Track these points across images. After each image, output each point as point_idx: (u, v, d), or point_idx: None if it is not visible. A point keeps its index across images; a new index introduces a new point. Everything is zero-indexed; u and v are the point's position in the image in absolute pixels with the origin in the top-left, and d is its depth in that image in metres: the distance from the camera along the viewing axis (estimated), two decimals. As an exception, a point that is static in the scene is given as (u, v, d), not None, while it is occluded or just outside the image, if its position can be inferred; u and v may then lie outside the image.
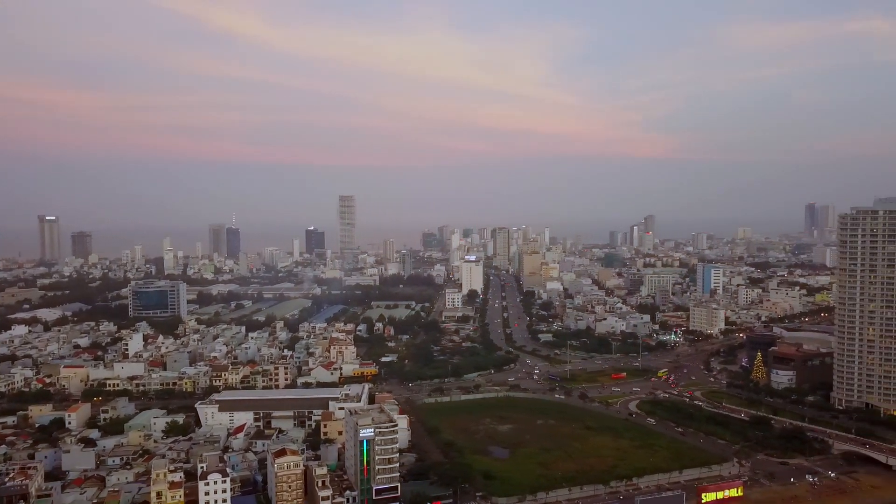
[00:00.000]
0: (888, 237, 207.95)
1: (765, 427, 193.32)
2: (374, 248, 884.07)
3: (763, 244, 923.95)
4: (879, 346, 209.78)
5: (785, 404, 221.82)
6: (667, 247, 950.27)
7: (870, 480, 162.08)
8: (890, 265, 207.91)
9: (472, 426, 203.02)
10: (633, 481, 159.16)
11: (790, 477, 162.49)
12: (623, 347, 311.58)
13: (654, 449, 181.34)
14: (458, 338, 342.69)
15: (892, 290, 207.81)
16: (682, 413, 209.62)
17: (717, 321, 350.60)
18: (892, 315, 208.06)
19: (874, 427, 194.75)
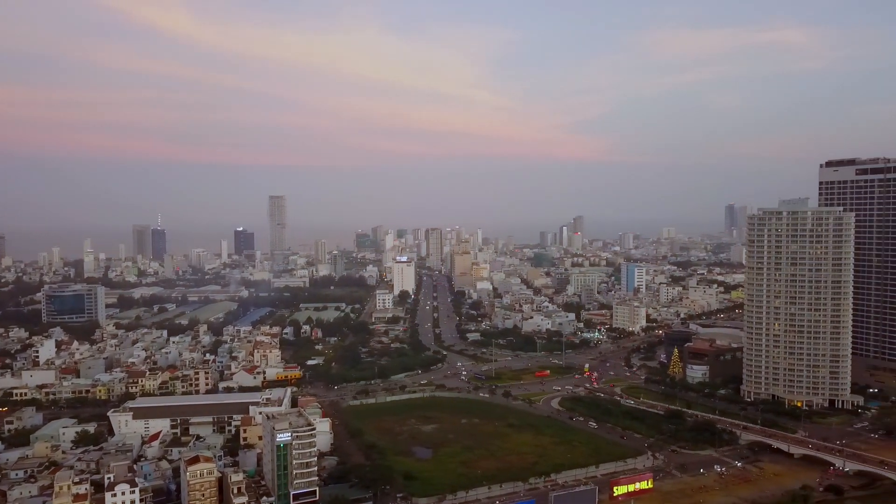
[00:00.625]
0: (791, 237, 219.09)
1: (679, 420, 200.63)
2: (305, 250, 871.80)
3: (686, 244, 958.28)
4: (784, 340, 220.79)
5: (699, 398, 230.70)
6: (595, 246, 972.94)
7: (773, 468, 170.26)
8: (793, 263, 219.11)
9: (396, 427, 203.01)
10: (551, 477, 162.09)
11: (700, 468, 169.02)
12: (548, 345, 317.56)
13: (574, 445, 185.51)
14: (387, 339, 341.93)
15: (795, 287, 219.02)
16: (601, 409, 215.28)
17: (639, 319, 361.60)
18: (795, 311, 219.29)
19: (779, 417, 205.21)
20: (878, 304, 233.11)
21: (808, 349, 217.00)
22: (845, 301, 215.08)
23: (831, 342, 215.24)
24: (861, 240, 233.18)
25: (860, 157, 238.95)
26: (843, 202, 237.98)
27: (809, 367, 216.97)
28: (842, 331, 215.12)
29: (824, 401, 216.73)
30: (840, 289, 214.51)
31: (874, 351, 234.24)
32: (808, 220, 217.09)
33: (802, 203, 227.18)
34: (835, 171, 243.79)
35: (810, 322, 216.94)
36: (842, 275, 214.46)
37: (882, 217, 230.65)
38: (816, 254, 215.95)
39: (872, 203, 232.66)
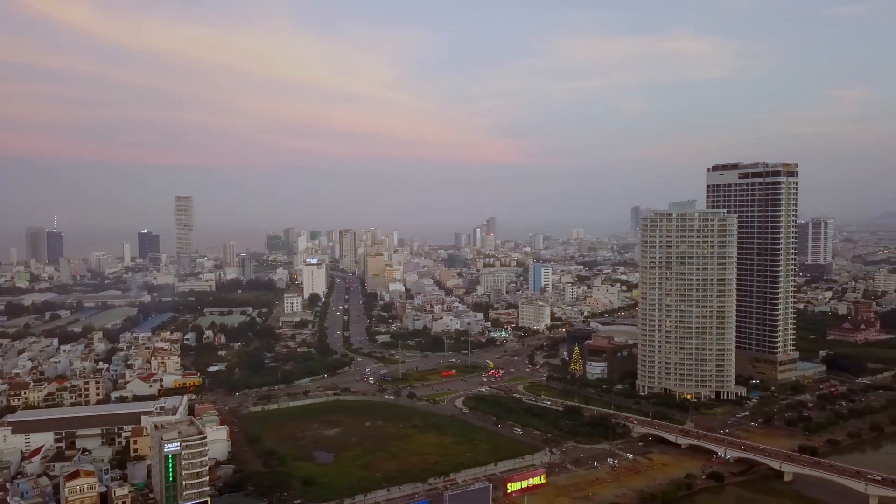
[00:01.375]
0: (680, 237, 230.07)
1: (576, 416, 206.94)
2: (213, 252, 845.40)
3: (593, 244, 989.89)
4: (675, 336, 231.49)
5: (597, 393, 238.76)
6: (507, 247, 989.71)
7: (662, 459, 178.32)
8: (682, 262, 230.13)
9: (298, 432, 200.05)
10: (451, 477, 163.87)
11: (594, 461, 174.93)
12: (456, 345, 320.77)
13: (475, 444, 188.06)
14: (293, 343, 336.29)
15: (684, 285, 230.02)
16: (502, 407, 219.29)
17: (544, 317, 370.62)
18: (685, 308, 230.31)
19: (669, 410, 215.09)
20: (759, 300, 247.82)
21: (696, 344, 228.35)
22: (729, 298, 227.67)
23: (717, 337, 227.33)
24: (744, 240, 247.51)
25: (743, 162, 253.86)
26: (728, 204, 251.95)
27: (698, 361, 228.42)
28: (726, 326, 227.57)
29: (711, 393, 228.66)
30: (724, 286, 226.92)
31: (756, 344, 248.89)
32: (696, 221, 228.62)
33: (690, 205, 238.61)
34: (720, 175, 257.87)
35: (698, 318, 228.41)
36: (726, 273, 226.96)
37: (762, 218, 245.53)
38: (703, 253, 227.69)
39: (754, 205, 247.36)
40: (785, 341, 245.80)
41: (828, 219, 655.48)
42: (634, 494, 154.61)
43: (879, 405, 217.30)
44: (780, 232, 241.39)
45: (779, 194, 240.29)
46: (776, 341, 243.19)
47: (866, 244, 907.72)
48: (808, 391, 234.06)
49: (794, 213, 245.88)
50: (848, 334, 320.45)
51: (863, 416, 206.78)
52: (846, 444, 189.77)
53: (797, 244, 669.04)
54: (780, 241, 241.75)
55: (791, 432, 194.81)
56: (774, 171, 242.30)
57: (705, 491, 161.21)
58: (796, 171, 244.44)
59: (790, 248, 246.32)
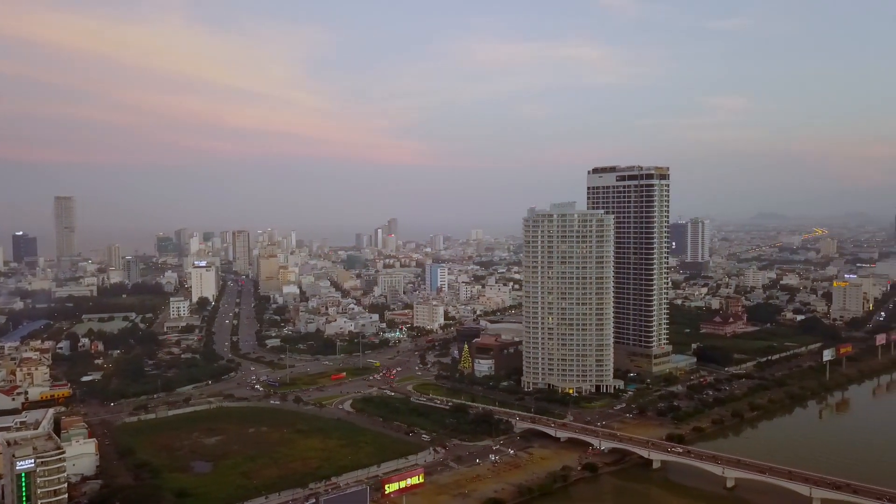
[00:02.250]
0: (561, 237, 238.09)
1: (462, 414, 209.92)
2: (97, 255, 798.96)
3: (491, 244, 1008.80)
4: (557, 332, 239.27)
5: (483, 391, 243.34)
6: (408, 248, 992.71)
7: (541, 453, 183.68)
8: (563, 262, 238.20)
9: (176, 443, 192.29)
10: (332, 480, 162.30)
11: (476, 458, 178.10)
12: (349, 347, 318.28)
13: (360, 446, 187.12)
14: (178, 349, 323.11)
15: (565, 284, 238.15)
16: (390, 408, 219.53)
17: (438, 317, 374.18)
18: (566, 305, 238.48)
19: (552, 405, 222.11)
20: (636, 297, 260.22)
21: (577, 340, 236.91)
22: (607, 296, 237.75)
23: (596, 333, 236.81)
24: (621, 239, 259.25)
25: (620, 165, 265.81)
26: (607, 205, 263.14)
27: (578, 356, 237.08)
28: (605, 322, 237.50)
29: (591, 387, 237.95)
30: (602, 284, 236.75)
31: (633, 339, 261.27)
32: (575, 221, 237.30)
33: (571, 206, 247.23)
34: (600, 178, 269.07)
35: (579, 315, 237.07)
36: (604, 272, 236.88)
37: (637, 218, 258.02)
38: (582, 253, 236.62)
39: (630, 206, 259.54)
40: (659, 336, 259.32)
41: (705, 219, 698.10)
42: (513, 489, 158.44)
43: (741, 393, 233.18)
44: (654, 232, 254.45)
45: (652, 196, 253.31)
46: (651, 336, 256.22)
47: (741, 243, 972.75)
48: (680, 382, 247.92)
49: (666, 214, 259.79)
50: (718, 327, 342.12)
51: (726, 403, 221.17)
52: (710, 431, 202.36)
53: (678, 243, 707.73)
54: (654, 240, 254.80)
55: (662, 422, 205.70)
56: (648, 175, 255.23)
57: (580, 482, 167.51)
58: (668, 174, 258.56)
59: (663, 247, 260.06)
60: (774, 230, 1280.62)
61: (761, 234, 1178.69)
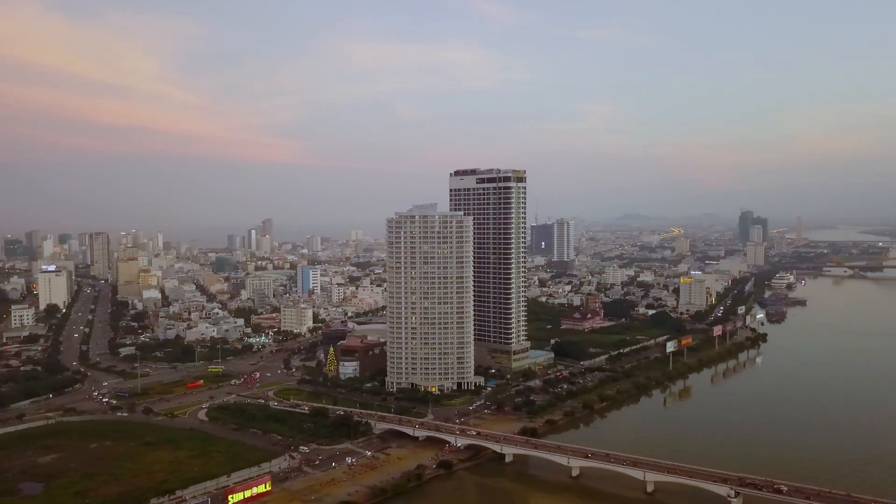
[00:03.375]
0: (423, 238, 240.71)
1: (321, 418, 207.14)
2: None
3: (371, 245, 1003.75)
4: (420, 332, 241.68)
5: (347, 393, 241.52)
6: (284, 249, 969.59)
7: (398, 453, 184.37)
8: (425, 262, 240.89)
9: (4, 464, 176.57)
10: (177, 494, 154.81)
11: (333, 462, 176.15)
12: (209, 354, 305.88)
13: (212, 456, 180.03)
14: (17, 361, 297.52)
15: (427, 284, 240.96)
16: (246, 415, 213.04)
17: (306, 320, 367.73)
18: (428, 305, 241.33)
19: (414, 404, 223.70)
20: (495, 295, 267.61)
21: (439, 339, 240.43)
22: (467, 295, 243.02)
23: (458, 332, 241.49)
24: (481, 240, 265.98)
25: (480, 168, 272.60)
26: (468, 207, 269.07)
27: (440, 355, 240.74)
28: (465, 321, 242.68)
29: (453, 384, 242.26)
30: (463, 284, 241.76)
31: (493, 336, 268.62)
32: (436, 223, 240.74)
33: (432, 208, 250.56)
34: (461, 180, 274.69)
35: (440, 315, 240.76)
36: (464, 272, 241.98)
37: (496, 220, 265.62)
38: (443, 253, 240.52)
39: (489, 208, 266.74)
40: (518, 332, 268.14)
41: (570, 220, 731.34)
42: (367, 491, 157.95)
43: (593, 385, 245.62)
44: (511, 232, 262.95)
45: (510, 198, 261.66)
46: (510, 333, 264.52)
47: (606, 242, 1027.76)
48: (538, 377, 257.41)
49: (523, 216, 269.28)
50: (577, 323, 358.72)
51: (578, 396, 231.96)
52: (562, 423, 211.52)
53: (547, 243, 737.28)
54: (512, 241, 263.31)
55: (518, 416, 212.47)
56: (506, 178, 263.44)
57: (435, 479, 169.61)
58: (525, 177, 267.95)
59: (521, 248, 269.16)
60: (637, 230, 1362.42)
61: (625, 234, 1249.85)
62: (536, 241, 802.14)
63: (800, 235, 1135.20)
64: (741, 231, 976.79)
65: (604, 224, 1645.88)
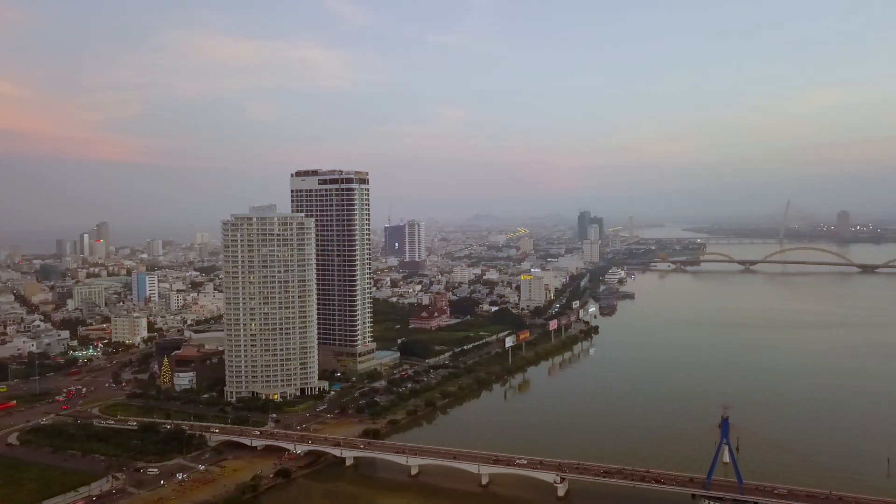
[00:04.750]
0: (262, 241, 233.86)
1: (151, 433, 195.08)
2: None
3: (217, 248, 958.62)
4: (260, 338, 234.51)
5: (182, 406, 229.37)
6: (122, 254, 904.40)
7: (235, 465, 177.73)
8: (265, 266, 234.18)
9: None
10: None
11: (161, 480, 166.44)
12: (26, 371, 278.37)
13: (21, 484, 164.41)
14: None
15: (267, 288, 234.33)
16: (64, 436, 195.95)
17: (140, 330, 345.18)
18: (268, 310, 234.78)
19: (254, 413, 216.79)
20: (340, 298, 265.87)
21: (280, 345, 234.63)
22: (310, 298, 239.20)
23: (300, 336, 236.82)
24: (325, 242, 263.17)
25: (322, 169, 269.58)
26: (311, 208, 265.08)
27: (283, 361, 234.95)
28: (308, 325, 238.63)
29: (297, 390, 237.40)
30: (305, 287, 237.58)
31: (339, 339, 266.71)
32: (276, 225, 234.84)
33: (271, 209, 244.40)
34: (303, 181, 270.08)
35: (282, 319, 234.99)
36: (306, 275, 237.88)
37: (340, 222, 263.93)
38: (284, 256, 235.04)
39: (332, 209, 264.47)
40: (364, 334, 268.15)
41: (421, 221, 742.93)
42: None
43: (436, 382, 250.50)
44: (356, 234, 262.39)
45: (353, 199, 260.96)
46: (355, 335, 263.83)
47: (457, 242, 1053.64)
48: (383, 378, 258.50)
49: (367, 217, 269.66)
50: (425, 322, 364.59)
51: (421, 394, 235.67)
52: (405, 423, 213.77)
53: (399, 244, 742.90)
54: (356, 242, 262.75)
55: (361, 418, 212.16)
56: (348, 179, 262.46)
57: (272, 489, 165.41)
58: (368, 178, 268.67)
59: (365, 249, 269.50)
60: (486, 230, 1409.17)
61: (475, 234, 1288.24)
62: (390, 242, 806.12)
63: (632, 234, 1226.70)
64: (580, 230, 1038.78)
65: (456, 225, 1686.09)
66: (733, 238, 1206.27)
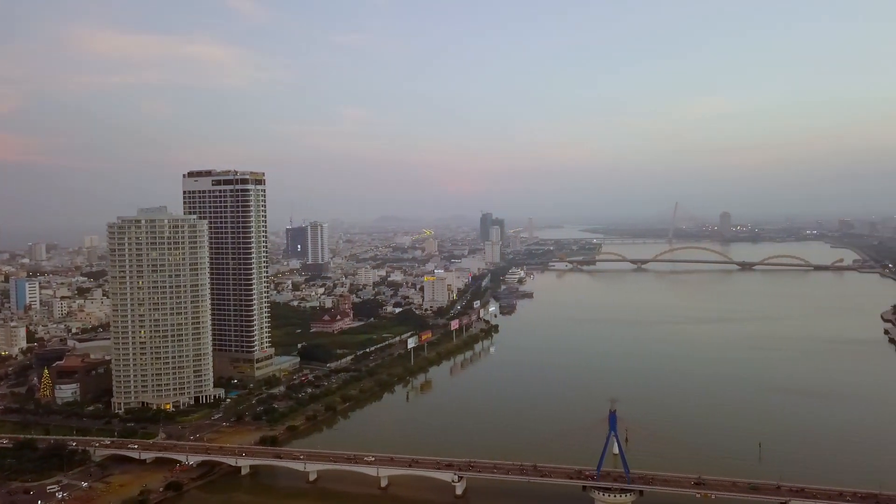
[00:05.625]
0: (151, 244, 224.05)
1: (29, 450, 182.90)
2: None
3: (106, 252, 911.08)
4: (150, 346, 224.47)
5: (64, 419, 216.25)
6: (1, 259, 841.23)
7: (122, 479, 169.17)
8: (154, 270, 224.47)
9: None
10: None
11: (38, 499, 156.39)
12: None
13: None
14: None
15: (157, 294, 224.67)
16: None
17: (18, 340, 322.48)
18: (159, 316, 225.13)
19: (143, 424, 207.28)
20: (236, 302, 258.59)
21: (172, 352, 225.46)
22: (203, 303, 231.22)
23: (193, 343, 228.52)
24: (219, 245, 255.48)
25: (216, 169, 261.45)
26: (204, 210, 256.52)
27: (175, 369, 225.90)
28: (202, 331, 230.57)
29: (190, 399, 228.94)
30: (198, 292, 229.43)
31: (235, 345, 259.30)
32: (166, 227, 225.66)
33: (161, 211, 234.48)
34: (195, 181, 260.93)
35: (173, 326, 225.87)
36: (199, 279, 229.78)
37: (234, 223, 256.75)
38: (175, 260, 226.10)
39: (227, 211, 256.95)
40: (261, 339, 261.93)
41: (324, 223, 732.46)
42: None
43: (337, 386, 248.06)
44: (252, 236, 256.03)
45: (248, 201, 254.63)
46: (252, 340, 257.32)
47: (362, 244, 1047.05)
48: (283, 383, 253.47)
49: (263, 219, 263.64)
50: (327, 325, 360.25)
51: (321, 399, 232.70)
52: (304, 428, 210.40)
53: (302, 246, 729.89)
54: (252, 245, 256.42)
55: (259, 426, 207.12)
56: (244, 179, 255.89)
57: (163, 503, 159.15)
58: (264, 179, 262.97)
59: (262, 252, 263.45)
60: (392, 231, 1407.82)
61: (381, 236, 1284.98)
62: (292, 245, 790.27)
63: (532, 235, 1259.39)
64: (482, 231, 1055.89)
65: (362, 226, 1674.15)
66: (627, 238, 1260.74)
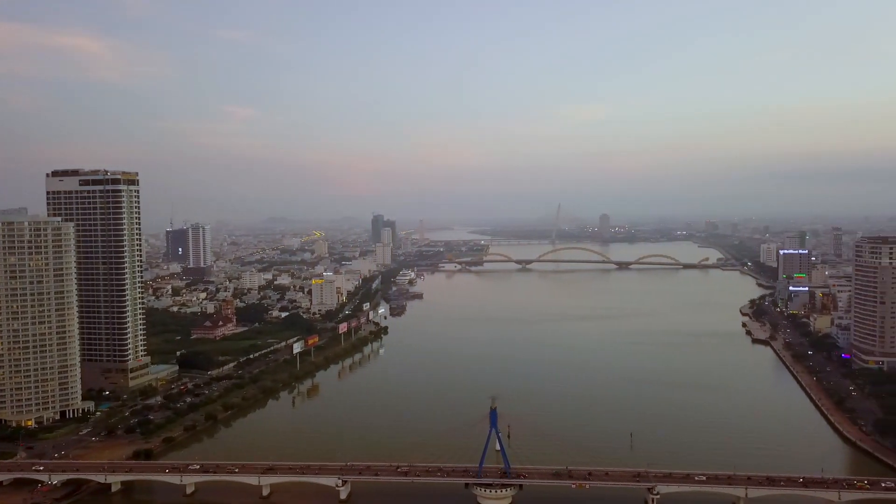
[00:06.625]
0: (9, 249, 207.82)
1: None
2: None
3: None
4: (10, 359, 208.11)
5: None
6: None
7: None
8: (13, 277, 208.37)
9: None
10: None
11: None
12: None
13: None
14: None
15: (17, 302, 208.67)
16: None
17: None
18: (19, 326, 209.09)
19: (1, 443, 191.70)
20: (107, 309, 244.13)
21: (34, 365, 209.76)
22: (70, 311, 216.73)
23: (59, 354, 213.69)
24: (88, 249, 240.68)
25: (84, 168, 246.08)
26: (71, 212, 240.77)
27: (37, 382, 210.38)
28: (68, 341, 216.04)
29: (56, 414, 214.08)
30: (64, 299, 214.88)
31: (107, 355, 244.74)
32: (26, 231, 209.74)
33: (21, 213, 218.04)
34: (61, 181, 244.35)
35: (35, 336, 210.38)
36: (64, 285, 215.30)
37: (105, 226, 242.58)
38: (37, 265, 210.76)
39: (96, 213, 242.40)
40: (136, 347, 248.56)
41: (206, 225, 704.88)
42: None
43: (218, 395, 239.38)
44: (124, 240, 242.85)
45: (120, 202, 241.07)
46: (126, 349, 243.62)
47: (248, 246, 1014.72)
48: (159, 393, 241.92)
49: (137, 221, 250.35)
50: (209, 331, 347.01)
51: (201, 408, 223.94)
52: (182, 439, 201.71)
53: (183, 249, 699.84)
54: (124, 248, 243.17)
55: (132, 439, 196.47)
56: (115, 180, 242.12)
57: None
58: (137, 179, 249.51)
59: (135, 255, 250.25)
60: (280, 233, 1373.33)
61: (268, 238, 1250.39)
62: (173, 248, 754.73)
63: (423, 236, 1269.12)
64: (374, 233, 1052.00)
65: (248, 228, 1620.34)
66: (513, 239, 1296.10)
